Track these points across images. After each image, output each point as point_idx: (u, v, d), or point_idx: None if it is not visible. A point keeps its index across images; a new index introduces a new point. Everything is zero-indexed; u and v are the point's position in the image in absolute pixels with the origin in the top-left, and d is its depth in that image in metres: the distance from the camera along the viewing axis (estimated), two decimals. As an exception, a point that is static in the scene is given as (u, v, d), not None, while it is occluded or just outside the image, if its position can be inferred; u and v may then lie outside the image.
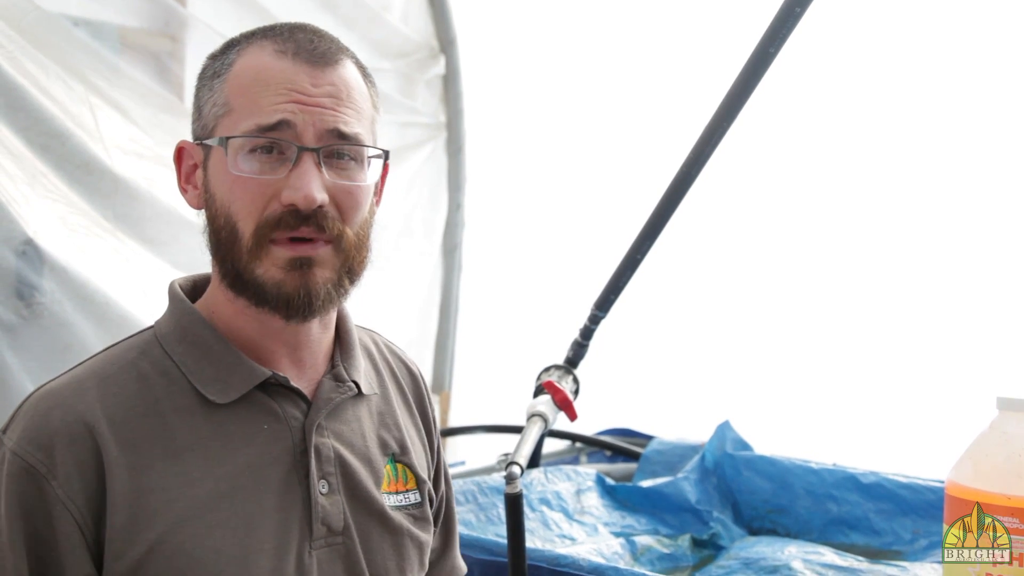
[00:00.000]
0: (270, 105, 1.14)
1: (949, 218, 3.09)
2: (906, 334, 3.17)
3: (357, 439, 1.28)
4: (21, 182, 2.16)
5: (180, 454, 1.14)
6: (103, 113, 2.40)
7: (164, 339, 1.21)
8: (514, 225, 3.97)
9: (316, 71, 1.17)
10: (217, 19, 2.72)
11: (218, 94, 1.18)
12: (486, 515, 2.26)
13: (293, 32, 1.20)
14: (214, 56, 1.23)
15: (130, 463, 1.11)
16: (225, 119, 1.17)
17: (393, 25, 3.49)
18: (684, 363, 3.56)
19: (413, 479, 1.35)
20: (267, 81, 1.15)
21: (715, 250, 3.52)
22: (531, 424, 1.99)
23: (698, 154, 2.00)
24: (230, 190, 1.15)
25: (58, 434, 1.10)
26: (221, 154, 1.16)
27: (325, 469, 1.22)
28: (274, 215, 1.14)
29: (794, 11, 1.79)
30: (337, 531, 1.22)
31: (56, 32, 2.34)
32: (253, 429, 1.18)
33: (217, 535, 1.13)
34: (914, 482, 2.32)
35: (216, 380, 1.18)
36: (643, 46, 3.59)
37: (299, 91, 1.15)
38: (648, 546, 2.24)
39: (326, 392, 1.25)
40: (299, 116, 1.14)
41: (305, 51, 1.17)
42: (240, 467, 1.16)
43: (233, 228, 1.15)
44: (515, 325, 3.91)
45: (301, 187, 1.13)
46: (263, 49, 1.18)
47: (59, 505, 1.08)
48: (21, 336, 2.15)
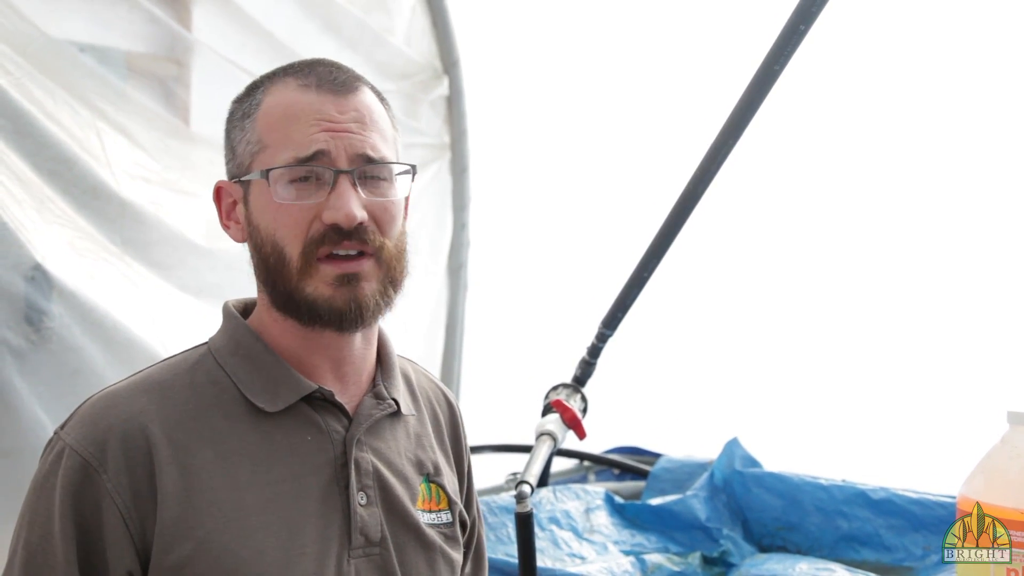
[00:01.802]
0: (304, 137, 1.23)
1: (958, 235, 3.09)
2: (915, 349, 3.17)
3: (394, 456, 1.34)
4: (29, 207, 2.17)
5: (228, 457, 1.21)
6: (110, 138, 2.42)
7: (218, 352, 1.29)
8: (519, 244, 3.98)
9: (340, 99, 1.25)
10: (222, 44, 2.74)
11: (250, 133, 1.26)
12: (496, 535, 2.26)
13: (313, 66, 1.29)
14: (240, 99, 1.32)
15: (181, 463, 1.18)
16: (261, 155, 1.25)
17: (396, 47, 3.50)
18: (691, 380, 3.56)
19: (446, 500, 1.40)
20: (296, 115, 1.24)
21: (722, 268, 3.53)
22: (540, 443, 1.99)
23: (704, 172, 2.00)
24: (274, 218, 1.24)
25: (112, 431, 1.18)
26: (262, 187, 1.24)
27: (364, 482, 1.28)
28: (318, 234, 1.22)
29: (798, 28, 1.80)
30: (375, 542, 1.27)
31: (63, 58, 2.35)
32: (297, 439, 1.25)
33: (260, 537, 1.19)
34: (924, 498, 2.31)
35: (265, 391, 1.25)
36: (645, 65, 3.60)
37: (327, 119, 1.24)
38: (658, 564, 2.24)
39: (367, 408, 1.32)
40: (331, 143, 1.23)
41: (327, 82, 1.26)
42: (284, 475, 1.23)
43: (280, 253, 1.23)
44: (521, 344, 3.91)
45: (341, 206, 1.21)
46: (287, 85, 1.27)
47: (107, 498, 1.15)
48: (30, 361, 2.16)
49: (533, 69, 3.78)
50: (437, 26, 3.69)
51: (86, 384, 1.25)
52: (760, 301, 3.48)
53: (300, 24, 3.16)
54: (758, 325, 3.50)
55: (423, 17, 3.67)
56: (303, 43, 3.05)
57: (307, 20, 3.20)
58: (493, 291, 3.96)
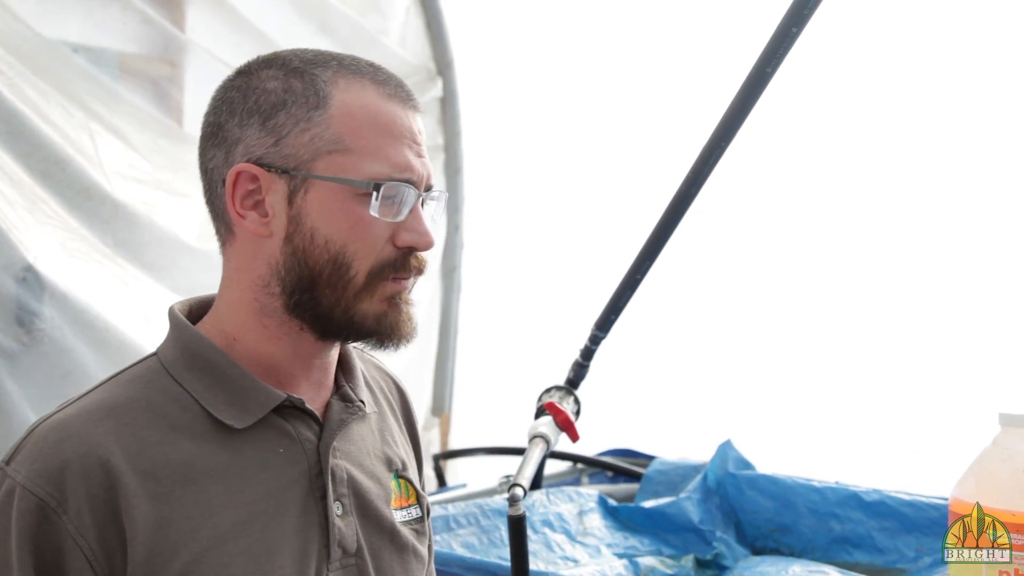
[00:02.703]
0: (399, 155, 1.18)
1: (951, 236, 3.10)
2: (907, 351, 3.17)
3: (365, 458, 1.30)
4: (21, 208, 2.16)
5: (199, 481, 1.13)
6: (102, 139, 2.41)
7: (171, 366, 1.19)
8: (513, 246, 3.98)
9: (416, 116, 1.23)
10: (216, 45, 2.73)
11: (321, 127, 1.16)
12: (489, 538, 2.26)
13: (379, 70, 1.23)
14: (278, 80, 1.19)
15: (150, 492, 1.10)
16: (337, 156, 1.16)
17: (390, 48, 3.51)
18: (685, 383, 3.56)
19: (414, 494, 1.37)
20: (388, 127, 1.19)
21: (715, 271, 3.53)
22: (533, 445, 1.98)
23: (696, 175, 2.00)
24: (351, 229, 1.16)
25: (69, 467, 1.08)
26: (334, 190, 1.16)
27: (339, 491, 1.23)
28: (390, 257, 1.19)
29: (790, 31, 1.80)
30: (351, 552, 1.22)
31: (55, 58, 2.35)
32: (269, 453, 1.18)
33: (240, 562, 1.12)
34: (917, 499, 2.31)
35: (231, 405, 1.17)
36: (639, 67, 3.61)
37: (414, 140, 1.20)
38: (652, 567, 2.24)
39: (336, 413, 1.26)
40: (419, 166, 1.20)
41: (404, 93, 1.22)
42: (260, 493, 1.16)
43: (344, 267, 1.17)
44: (515, 346, 3.91)
45: (424, 232, 1.20)
46: (365, 88, 1.19)
47: (69, 540, 1.07)
48: (21, 363, 2.15)
49: (527, 71, 3.79)
50: (431, 28, 3.69)
51: (77, 386, 1.21)
52: (754, 304, 3.49)
53: (294, 26, 3.16)
54: (751, 328, 3.51)
55: (417, 19, 3.67)
56: (297, 45, 3.03)
57: (302, 22, 3.20)
58: (487, 293, 3.97)
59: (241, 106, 1.19)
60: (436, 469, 3.14)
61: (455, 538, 2.23)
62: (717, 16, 3.43)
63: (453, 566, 1.97)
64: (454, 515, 2.27)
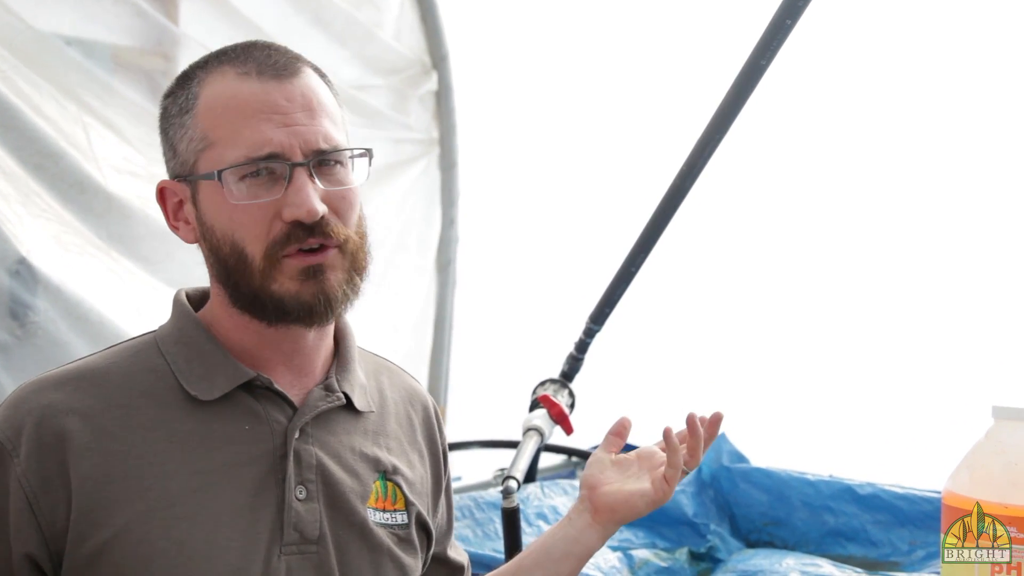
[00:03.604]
0: (254, 132, 1.17)
1: (944, 228, 3.10)
2: (901, 345, 3.17)
3: (345, 451, 1.29)
4: (15, 201, 2.16)
5: (158, 444, 1.17)
6: (96, 132, 2.40)
7: (162, 341, 1.25)
8: (508, 240, 3.97)
9: (284, 84, 1.20)
10: (209, 37, 2.72)
11: (192, 130, 1.21)
12: (483, 530, 2.26)
13: (248, 51, 1.22)
14: (171, 94, 1.26)
15: (104, 449, 1.15)
16: (208, 152, 1.20)
17: (385, 42, 3.50)
18: (679, 376, 3.56)
19: (403, 500, 1.34)
20: (241, 107, 1.19)
21: (709, 265, 3.53)
22: (527, 438, 1.99)
23: (691, 167, 2.01)
24: (230, 219, 1.19)
25: (30, 416, 1.15)
26: (213, 187, 1.19)
27: (305, 475, 1.23)
28: (281, 234, 1.18)
29: (784, 23, 1.80)
30: (311, 539, 1.22)
31: (49, 51, 2.34)
32: (235, 429, 1.21)
33: (183, 527, 1.15)
34: (910, 493, 2.32)
35: (202, 379, 1.21)
36: (634, 60, 3.61)
37: (276, 111, 1.18)
38: (646, 560, 2.24)
39: (314, 400, 1.27)
40: (284, 137, 1.18)
41: (268, 67, 1.20)
42: (217, 464, 1.18)
43: (241, 253, 1.19)
44: (509, 340, 3.91)
45: (302, 203, 1.17)
46: (224, 75, 1.21)
47: (16, 481, 1.14)
48: (15, 356, 2.15)
49: (522, 65, 3.78)
50: (426, 21, 3.68)
51: (71, 379, 1.24)
52: (748, 297, 3.49)
53: (288, 19, 3.15)
54: (746, 321, 3.51)
55: (412, 12, 3.66)
56: (291, 38, 3.03)
57: (296, 14, 3.19)
58: (482, 287, 3.96)
59: (160, 126, 1.28)
60: (431, 462, 3.14)
61: (449, 531, 2.23)
62: (712, 9, 3.43)
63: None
64: (448, 508, 2.27)
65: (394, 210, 3.62)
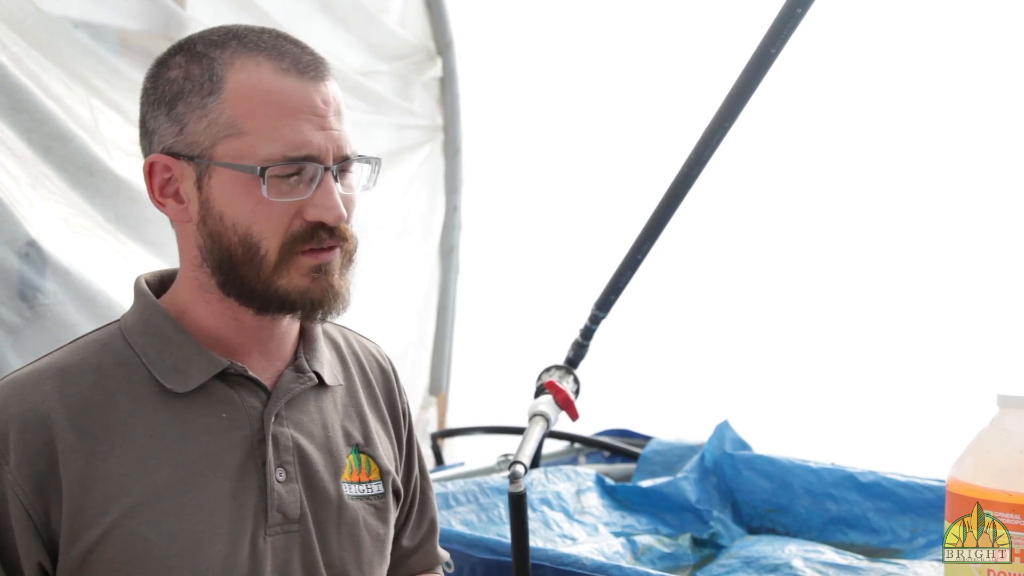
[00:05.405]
0: (294, 133, 1.17)
1: (947, 216, 3.10)
2: (905, 332, 3.18)
3: (318, 429, 1.31)
4: (24, 184, 2.17)
5: (137, 440, 1.18)
6: (104, 115, 2.41)
7: (128, 332, 1.24)
8: (511, 226, 3.98)
9: (320, 86, 1.21)
10: (216, 21, 2.70)
11: (216, 113, 1.18)
12: (487, 515, 2.27)
13: (278, 45, 1.21)
14: (180, 67, 1.21)
15: (87, 450, 1.15)
16: (232, 140, 1.18)
17: (390, 27, 3.50)
18: (683, 363, 3.57)
19: (377, 470, 1.37)
20: (283, 104, 1.18)
21: (714, 251, 3.54)
22: (533, 424, 1.99)
23: (699, 155, 2.00)
24: (252, 211, 1.18)
25: (13, 422, 1.14)
26: (236, 177, 1.18)
27: (283, 458, 1.25)
28: (300, 231, 1.19)
29: (795, 12, 1.80)
30: (293, 519, 1.25)
31: (57, 34, 2.34)
32: (211, 418, 1.22)
33: (172, 520, 1.17)
34: (912, 481, 2.33)
35: (175, 370, 1.22)
36: (641, 46, 3.60)
37: (315, 113, 1.19)
38: (649, 546, 2.25)
39: (286, 383, 1.28)
40: (322, 140, 1.19)
41: (304, 65, 1.20)
42: (197, 455, 1.20)
43: (253, 247, 1.19)
44: (512, 326, 3.91)
45: (332, 207, 1.19)
46: (260, 67, 1.19)
47: (10, 490, 1.13)
48: (24, 337, 2.16)
49: (527, 51, 3.78)
50: (431, 7, 3.68)
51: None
52: (751, 285, 3.49)
53: (294, 3, 3.15)
54: (749, 309, 3.52)
55: (417, -2, 3.66)
56: (297, 22, 3.04)
57: None
58: (485, 273, 3.97)
59: (152, 97, 1.23)
60: (434, 448, 3.16)
61: (454, 515, 2.25)
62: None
63: (453, 542, 1.98)
64: (453, 492, 2.28)
65: (398, 196, 3.63)
